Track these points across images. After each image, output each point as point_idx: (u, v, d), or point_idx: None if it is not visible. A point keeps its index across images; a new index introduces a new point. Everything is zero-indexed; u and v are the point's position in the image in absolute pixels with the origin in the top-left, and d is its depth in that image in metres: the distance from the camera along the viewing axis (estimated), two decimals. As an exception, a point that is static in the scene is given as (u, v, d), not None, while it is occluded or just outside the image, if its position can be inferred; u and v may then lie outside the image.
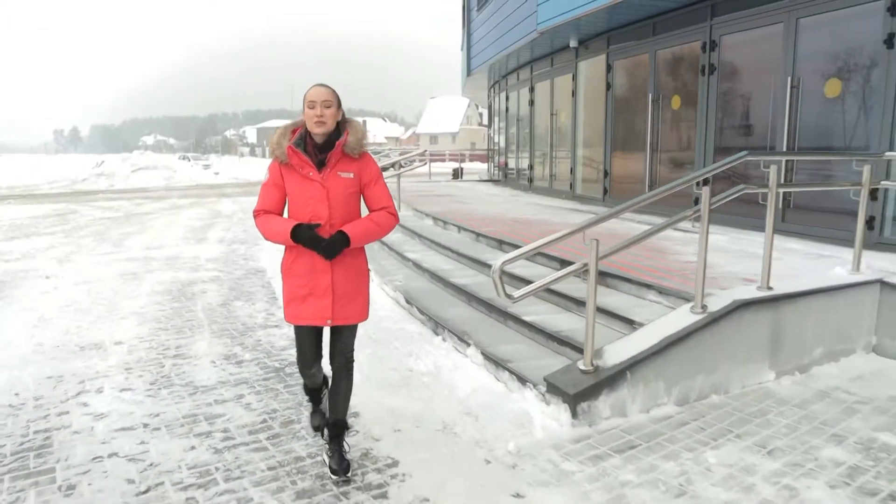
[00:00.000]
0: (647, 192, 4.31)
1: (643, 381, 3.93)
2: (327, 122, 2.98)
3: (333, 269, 3.04)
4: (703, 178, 4.30)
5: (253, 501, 2.99)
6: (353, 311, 3.14)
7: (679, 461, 3.41)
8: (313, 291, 3.05)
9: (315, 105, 2.96)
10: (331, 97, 3.00)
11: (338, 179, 3.03)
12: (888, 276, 5.08)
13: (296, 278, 3.07)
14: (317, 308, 3.06)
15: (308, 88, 3.03)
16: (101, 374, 4.68)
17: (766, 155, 7.79)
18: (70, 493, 3.07)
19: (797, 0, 7.94)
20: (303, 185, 3.00)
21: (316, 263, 3.03)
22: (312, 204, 2.99)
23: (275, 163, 3.06)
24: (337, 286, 3.05)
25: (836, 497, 3.08)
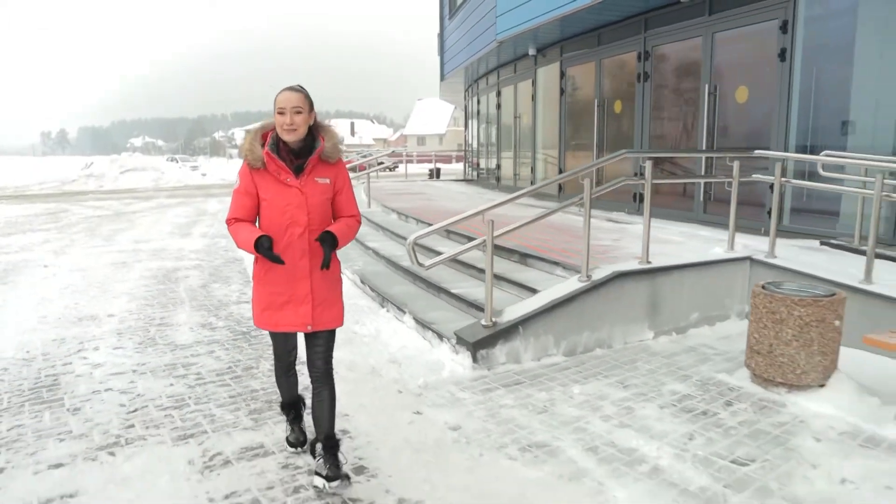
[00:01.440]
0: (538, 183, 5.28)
1: (534, 335, 4.93)
2: (298, 130, 2.90)
3: (312, 275, 3.03)
4: (587, 173, 5.30)
5: (215, 416, 3.97)
6: (331, 317, 3.13)
7: (550, 392, 4.41)
8: (292, 299, 3.02)
9: (285, 111, 2.88)
10: (301, 102, 2.90)
11: (315, 185, 2.99)
12: (756, 254, 6.09)
13: (272, 286, 3.03)
14: (296, 315, 3.04)
15: (278, 92, 2.93)
16: (97, 337, 5.64)
17: (642, 153, 8.79)
18: (76, 412, 4.03)
19: (713, 17, 8.97)
20: (280, 191, 2.95)
21: (296, 271, 3.00)
22: (291, 210, 2.94)
23: (245, 168, 2.98)
24: (316, 292, 3.05)
25: (661, 413, 4.08)
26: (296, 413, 3.56)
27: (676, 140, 10.03)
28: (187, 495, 3.05)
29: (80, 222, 14.97)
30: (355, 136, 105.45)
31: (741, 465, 3.40)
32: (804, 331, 4.20)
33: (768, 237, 6.24)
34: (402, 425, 3.82)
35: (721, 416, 4.03)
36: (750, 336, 4.50)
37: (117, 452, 3.48)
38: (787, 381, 4.31)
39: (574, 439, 3.67)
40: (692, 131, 9.59)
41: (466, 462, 3.38)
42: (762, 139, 8.39)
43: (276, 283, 3.03)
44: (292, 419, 3.55)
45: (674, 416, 4.01)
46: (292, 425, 3.54)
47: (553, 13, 10.62)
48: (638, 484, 3.19)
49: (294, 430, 3.53)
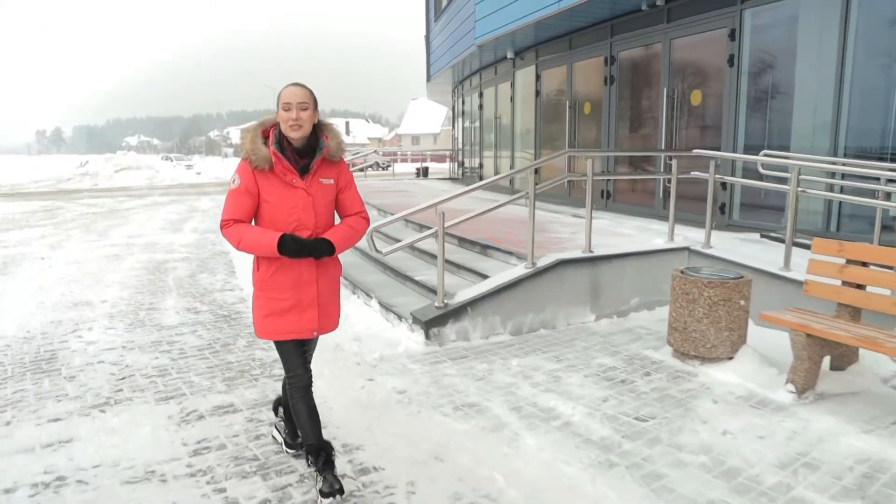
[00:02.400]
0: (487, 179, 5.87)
1: (482, 316, 5.52)
2: (304, 126, 2.80)
3: (319, 280, 2.95)
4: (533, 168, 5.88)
5: (194, 382, 4.55)
6: (332, 321, 3.10)
7: (491, 364, 4.99)
8: (297, 304, 2.91)
9: (291, 107, 2.78)
10: (307, 98, 2.82)
11: (320, 186, 2.90)
12: (694, 245, 6.69)
13: (276, 291, 2.90)
14: (302, 320, 2.93)
15: (283, 87, 2.85)
16: (90, 320, 6.21)
17: (584, 151, 9.40)
18: (72, 379, 4.61)
19: (671, 24, 9.57)
20: (285, 192, 2.82)
21: (302, 276, 2.90)
22: (298, 212, 2.83)
23: (246, 167, 2.82)
24: (322, 296, 2.98)
25: (584, 381, 4.67)
26: (326, 456, 3.01)
27: (639, 139, 10.63)
28: (165, 441, 3.63)
29: (75, 219, 15.52)
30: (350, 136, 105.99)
31: (642, 420, 3.99)
32: (713, 309, 4.80)
33: (714, 230, 6.85)
34: (355, 389, 4.40)
35: (637, 383, 4.62)
36: (670, 315, 5.10)
37: (107, 410, 4.06)
38: (700, 354, 4.90)
39: (502, 401, 4.26)
40: (654, 131, 10.18)
41: (405, 417, 3.97)
42: (714, 139, 8.99)
43: (280, 289, 2.89)
44: (322, 465, 2.99)
45: (595, 384, 4.60)
46: (324, 474, 2.97)
47: (525, 19, 11.22)
48: (548, 434, 3.77)
49: (327, 478, 2.95)
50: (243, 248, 2.83)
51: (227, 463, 3.38)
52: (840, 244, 4.62)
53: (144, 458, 3.43)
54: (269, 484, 3.17)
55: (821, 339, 4.24)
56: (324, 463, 3.00)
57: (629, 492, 3.13)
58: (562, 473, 3.30)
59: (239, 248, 2.85)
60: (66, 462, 3.38)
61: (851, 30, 7.12)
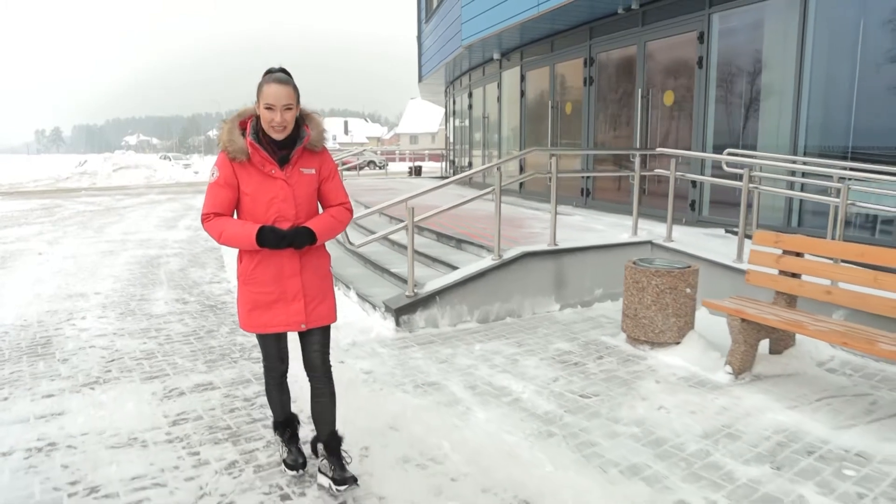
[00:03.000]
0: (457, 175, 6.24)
1: (450, 304, 5.89)
2: (287, 126, 2.76)
3: (303, 272, 2.91)
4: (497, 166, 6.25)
5: (178, 364, 4.91)
6: (324, 312, 3.04)
7: (455, 349, 5.36)
8: (282, 297, 2.89)
9: (274, 109, 2.70)
10: (291, 99, 2.73)
11: (301, 176, 2.86)
12: (656, 239, 7.05)
13: (260, 285, 2.88)
14: (288, 313, 2.91)
15: (263, 81, 2.74)
16: (84, 310, 6.58)
17: (549, 150, 9.78)
18: (65, 362, 4.97)
19: (645, 27, 9.94)
20: (264, 183, 2.78)
21: (284, 269, 2.87)
22: (278, 203, 2.80)
23: (224, 160, 2.78)
24: (307, 288, 2.93)
25: (539, 363, 5.03)
26: (291, 432, 3.29)
27: (617, 138, 10.99)
28: (148, 414, 4.00)
29: (72, 216, 15.88)
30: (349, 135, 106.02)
31: (585, 398, 4.36)
32: (660, 297, 5.17)
33: (684, 226, 7.23)
34: (326, 370, 4.77)
35: (588, 366, 4.99)
36: (623, 303, 5.47)
37: (96, 388, 4.43)
38: (650, 339, 5.27)
39: (460, 380, 4.63)
40: (630, 130, 10.55)
41: (368, 393, 4.34)
42: (686, 138, 9.36)
43: (263, 282, 2.87)
44: (288, 439, 3.27)
45: (549, 366, 4.97)
46: (288, 446, 3.27)
47: (507, 22, 11.60)
48: (497, 409, 4.14)
49: (291, 450, 3.25)
50: (224, 241, 2.79)
51: (203, 431, 3.75)
52: (777, 236, 4.99)
53: (128, 427, 3.80)
54: (238, 448, 3.54)
55: (755, 323, 4.61)
56: (290, 437, 3.27)
57: (562, 457, 3.50)
58: (503, 441, 3.67)
59: (220, 242, 2.81)
60: (57, 431, 3.75)
61: (809, 34, 7.49)
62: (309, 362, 3.11)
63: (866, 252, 4.43)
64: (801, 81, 7.60)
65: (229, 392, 4.35)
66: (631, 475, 3.30)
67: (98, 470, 3.30)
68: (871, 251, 4.41)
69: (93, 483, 3.18)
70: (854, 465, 3.42)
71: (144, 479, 3.22)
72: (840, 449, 3.61)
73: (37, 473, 3.27)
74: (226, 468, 3.33)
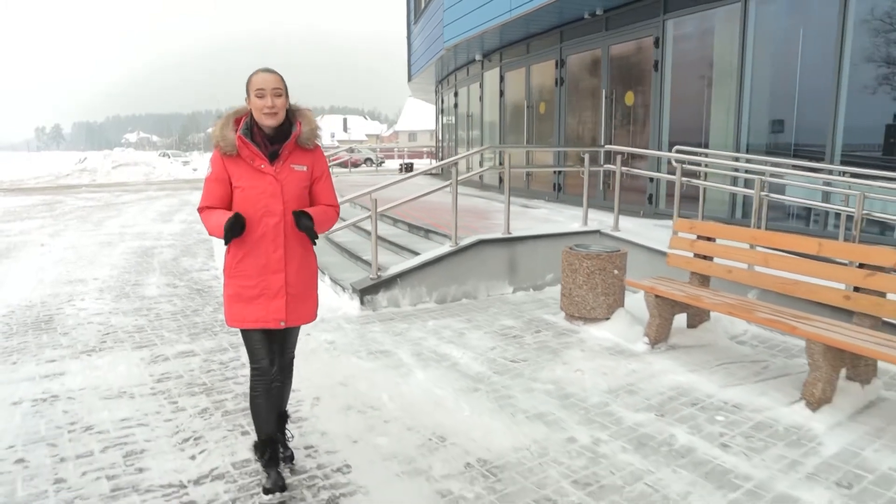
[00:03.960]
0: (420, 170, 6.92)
1: (410, 286, 6.58)
2: (279, 113, 2.78)
3: (287, 268, 2.89)
4: (454, 162, 6.95)
5: (164, 336, 5.61)
6: (305, 312, 3.04)
7: (411, 324, 6.05)
8: (264, 292, 2.87)
9: (265, 94, 2.74)
10: (280, 84, 2.78)
11: (291, 172, 2.85)
12: (604, 228, 7.74)
13: (244, 279, 2.87)
14: (268, 309, 2.88)
15: (251, 74, 2.80)
16: (83, 293, 7.28)
17: (503, 147, 10.48)
18: (65, 335, 5.67)
19: (609, 32, 10.61)
20: (254, 178, 2.78)
21: (269, 263, 2.86)
22: (265, 199, 2.79)
23: (217, 155, 2.81)
24: (290, 286, 2.91)
25: (483, 336, 5.72)
26: (272, 453, 3.09)
27: (584, 135, 11.67)
28: (136, 374, 4.69)
29: (72, 211, 16.59)
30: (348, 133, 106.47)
31: (514, 362, 5.04)
32: (590, 278, 5.86)
33: (643, 217, 7.91)
34: (293, 340, 5.47)
35: (525, 338, 5.68)
36: (561, 284, 6.16)
37: (93, 354, 5.13)
38: (582, 315, 5.96)
39: (409, 349, 5.32)
40: (596, 128, 11.23)
41: (328, 358, 5.04)
42: (644, 136, 10.04)
43: (247, 276, 2.86)
44: (267, 461, 3.07)
45: (490, 338, 5.66)
46: (267, 469, 3.07)
47: (484, 26, 12.29)
48: (436, 371, 4.83)
49: (270, 475, 3.06)
50: (210, 232, 2.82)
51: (182, 387, 4.45)
52: (692, 223, 5.68)
53: (119, 384, 4.50)
54: (211, 399, 4.24)
55: (666, 298, 5.30)
56: (269, 459, 3.06)
57: (480, 406, 4.19)
58: (434, 395, 4.36)
59: (210, 234, 2.85)
60: (58, 387, 4.45)
61: (749, 41, 8.16)
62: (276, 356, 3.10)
63: (758, 236, 5.14)
64: (742, 85, 8.27)
65: (208, 358, 5.05)
66: (535, 419, 3.99)
67: (92, 414, 4.00)
68: (762, 235, 5.11)
69: (88, 423, 3.87)
70: (727, 413, 4.11)
71: (131, 420, 3.92)
72: (720, 401, 4.30)
73: (42, 417, 3.97)
74: (199, 413, 4.03)
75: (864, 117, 7.02)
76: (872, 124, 6.93)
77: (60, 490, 3.13)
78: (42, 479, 3.22)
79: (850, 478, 3.31)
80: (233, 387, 4.45)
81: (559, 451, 3.57)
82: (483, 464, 3.42)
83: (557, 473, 3.34)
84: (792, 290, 4.76)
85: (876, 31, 6.86)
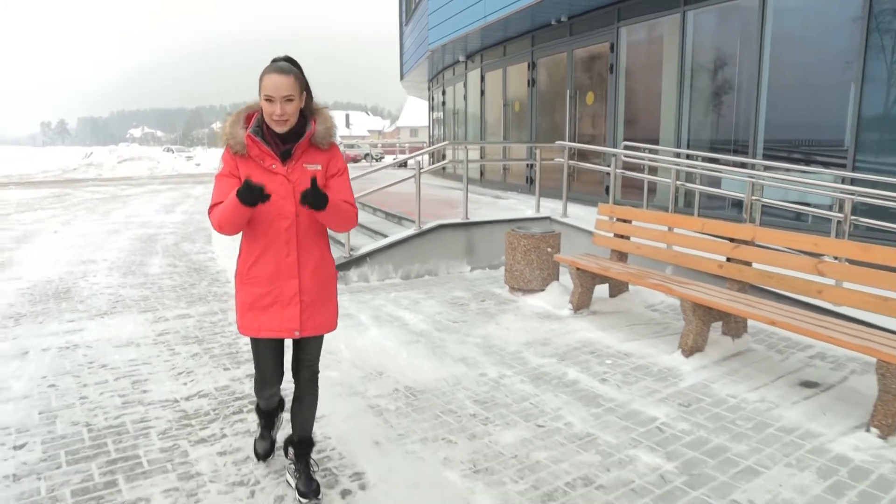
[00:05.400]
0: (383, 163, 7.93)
1: (378, 263, 7.61)
2: (289, 119, 2.61)
3: (301, 274, 2.73)
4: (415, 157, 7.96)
5: (165, 303, 6.66)
6: (322, 321, 2.85)
7: (376, 295, 7.08)
8: (278, 300, 2.72)
9: (274, 101, 2.56)
10: (292, 89, 2.57)
11: (305, 173, 2.68)
12: (554, 215, 8.76)
13: (256, 286, 2.72)
14: (282, 318, 2.73)
15: (264, 72, 2.59)
16: (95, 271, 8.33)
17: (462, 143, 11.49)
18: (81, 303, 6.72)
19: (573, 37, 11.61)
20: (264, 178, 2.61)
21: (281, 268, 2.71)
22: (276, 200, 2.63)
23: (227, 153, 2.69)
24: (305, 293, 2.75)
25: (434, 304, 6.74)
26: (268, 420, 3.27)
27: (552, 132, 12.68)
28: (142, 330, 5.73)
29: (81, 203, 17.68)
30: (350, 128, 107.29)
31: (455, 323, 6.07)
32: (527, 255, 6.88)
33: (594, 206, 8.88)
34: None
35: (471, 306, 6.70)
36: (505, 261, 7.18)
37: (105, 317, 6.17)
38: (521, 288, 6.99)
39: (370, 313, 6.35)
40: (562, 125, 12.24)
41: (299, 319, 6.08)
42: (601, 133, 11.04)
43: (259, 283, 2.72)
44: (264, 425, 3.26)
45: (440, 306, 6.69)
46: (262, 430, 3.27)
47: (462, 31, 13.29)
48: (388, 329, 5.86)
49: (264, 436, 3.27)
50: (221, 222, 2.63)
51: (179, 339, 5.49)
52: (612, 207, 6.69)
53: (127, 336, 5.54)
54: (201, 347, 5.28)
55: (586, 271, 6.31)
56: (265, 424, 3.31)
57: (417, 352, 5.21)
58: (382, 345, 5.39)
59: (220, 228, 2.66)
60: (78, 338, 5.50)
61: (687, 49, 9.16)
62: (297, 371, 2.95)
63: (660, 217, 6.15)
64: (682, 87, 9.27)
65: (201, 319, 6.09)
66: (458, 362, 5.02)
67: (106, 356, 5.04)
68: (664, 216, 6.14)
69: (103, 363, 4.92)
70: (616, 359, 5.12)
71: (137, 361, 4.96)
72: (616, 351, 5.31)
73: (66, 358, 5.01)
74: (191, 356, 5.07)
75: (779, 117, 8.03)
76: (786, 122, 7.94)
77: (84, 403, 4.18)
78: (70, 397, 4.26)
79: (691, 400, 4.32)
80: (220, 339, 5.49)
81: (470, 382, 4.60)
82: (408, 389, 4.45)
83: (464, 396, 4.36)
84: (682, 262, 5.79)
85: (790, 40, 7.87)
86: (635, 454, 3.56)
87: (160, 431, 3.77)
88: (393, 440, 3.69)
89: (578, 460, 3.49)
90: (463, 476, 3.32)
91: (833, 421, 3.99)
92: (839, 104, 7.23)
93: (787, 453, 3.58)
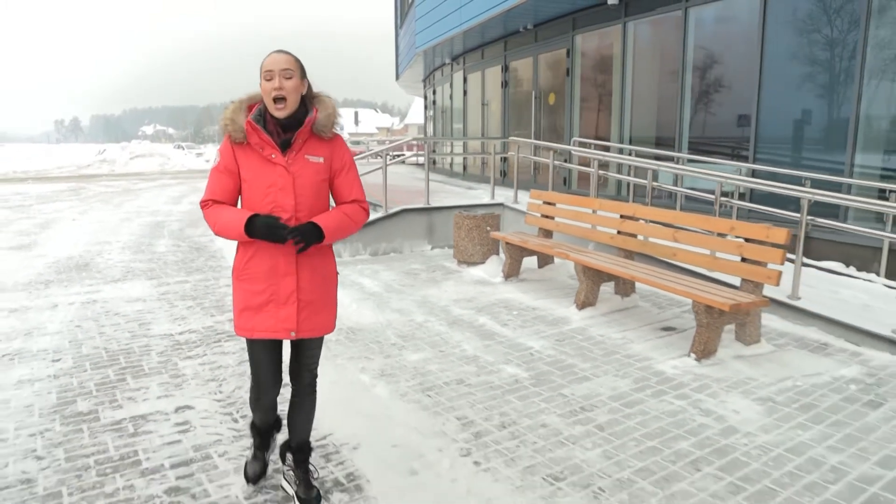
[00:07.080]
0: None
1: (349, 242, 8.95)
2: (288, 98, 2.49)
3: (299, 271, 2.59)
4: (384, 151, 9.30)
5: (168, 273, 8.04)
6: (320, 322, 2.71)
7: (344, 268, 8.41)
8: (273, 298, 2.58)
9: (273, 75, 2.46)
10: (291, 65, 2.50)
11: (305, 164, 2.56)
12: (507, 202, 10.07)
13: (251, 283, 2.59)
14: (277, 318, 2.59)
15: (265, 56, 2.53)
16: (110, 249, 9.74)
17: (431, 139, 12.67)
18: (98, 273, 8.11)
19: (538, 42, 12.90)
20: (263, 169, 2.51)
21: (278, 265, 2.56)
22: (274, 192, 2.51)
23: (226, 143, 2.56)
24: (303, 292, 2.61)
25: (392, 274, 8.08)
26: (262, 440, 3.03)
27: (522, 130, 13.97)
28: (148, 291, 7.11)
29: (95, 196, 19.17)
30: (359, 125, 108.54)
31: (403, 286, 7.40)
32: (470, 233, 8.21)
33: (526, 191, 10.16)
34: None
35: (421, 275, 8.04)
36: (453, 238, 8.51)
37: (118, 282, 7.56)
38: (465, 260, 8.32)
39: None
40: (529, 123, 13.54)
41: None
42: (560, 131, 12.34)
43: (255, 280, 2.59)
44: (258, 445, 3.02)
45: (396, 275, 8.03)
46: (256, 451, 3.03)
47: (443, 35, 14.59)
48: (348, 291, 7.19)
49: (257, 457, 3.03)
50: (219, 230, 2.56)
51: (178, 297, 6.86)
52: (541, 192, 8.00)
53: (136, 295, 6.93)
54: (196, 302, 6.64)
55: (514, 245, 7.62)
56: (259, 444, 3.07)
57: (364, 306, 6.53)
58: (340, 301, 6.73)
59: (217, 233, 2.58)
60: (97, 296, 6.88)
61: (628, 56, 10.44)
62: (295, 374, 2.84)
63: (573, 199, 7.46)
64: (623, 90, 10.56)
65: (197, 283, 7.47)
66: (394, 312, 6.34)
67: (119, 308, 6.43)
68: (577, 199, 7.44)
69: (117, 311, 6.30)
70: (522, 311, 6.42)
71: (143, 310, 6.34)
72: (525, 306, 6.60)
73: (87, 309, 6.40)
74: (187, 308, 6.45)
75: (699, 116, 9.31)
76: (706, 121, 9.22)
77: (102, 336, 5.55)
78: (91, 332, 5.64)
79: (566, 337, 5.62)
80: (210, 297, 6.86)
81: (398, 324, 5.93)
82: (349, 329, 5.80)
83: (391, 333, 5.70)
84: (589, 236, 7.09)
85: (706, 51, 9.15)
86: (503, 367, 4.88)
87: (159, 352, 5.14)
88: (327, 358, 5.02)
89: (459, 370, 4.82)
90: (372, 378, 4.65)
91: (670, 351, 5.26)
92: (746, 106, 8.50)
93: (619, 369, 4.87)
